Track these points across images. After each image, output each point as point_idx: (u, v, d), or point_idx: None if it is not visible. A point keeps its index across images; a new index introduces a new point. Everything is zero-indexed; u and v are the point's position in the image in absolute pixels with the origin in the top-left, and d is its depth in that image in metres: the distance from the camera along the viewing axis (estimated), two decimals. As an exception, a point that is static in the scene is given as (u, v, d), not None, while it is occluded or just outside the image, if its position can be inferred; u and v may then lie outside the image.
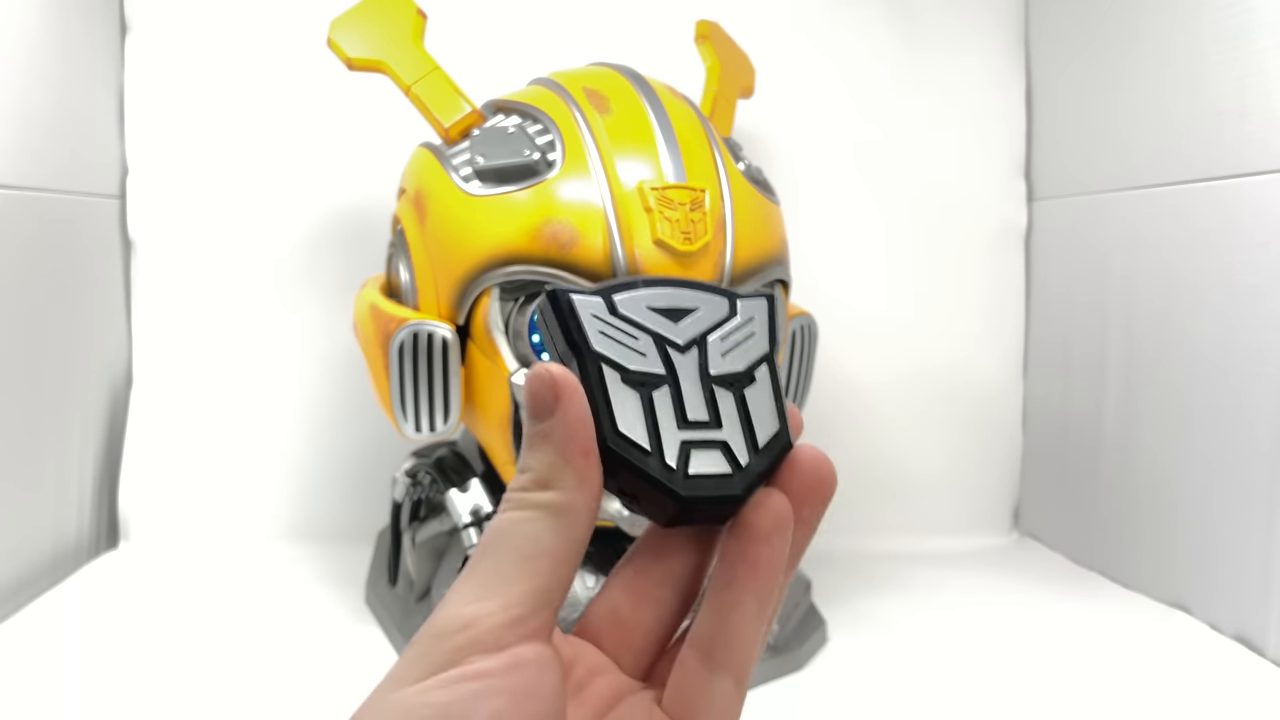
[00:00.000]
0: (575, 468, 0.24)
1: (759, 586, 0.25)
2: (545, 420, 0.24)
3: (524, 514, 0.24)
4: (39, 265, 0.78)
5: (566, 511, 0.24)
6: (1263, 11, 0.68)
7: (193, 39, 0.90)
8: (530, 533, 0.24)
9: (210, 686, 0.62)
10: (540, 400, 0.24)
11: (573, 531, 0.24)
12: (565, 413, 0.24)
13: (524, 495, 0.24)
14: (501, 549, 0.24)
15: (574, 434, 0.24)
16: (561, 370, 0.25)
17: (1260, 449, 0.67)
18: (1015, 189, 0.98)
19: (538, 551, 0.23)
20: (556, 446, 0.24)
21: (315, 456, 0.92)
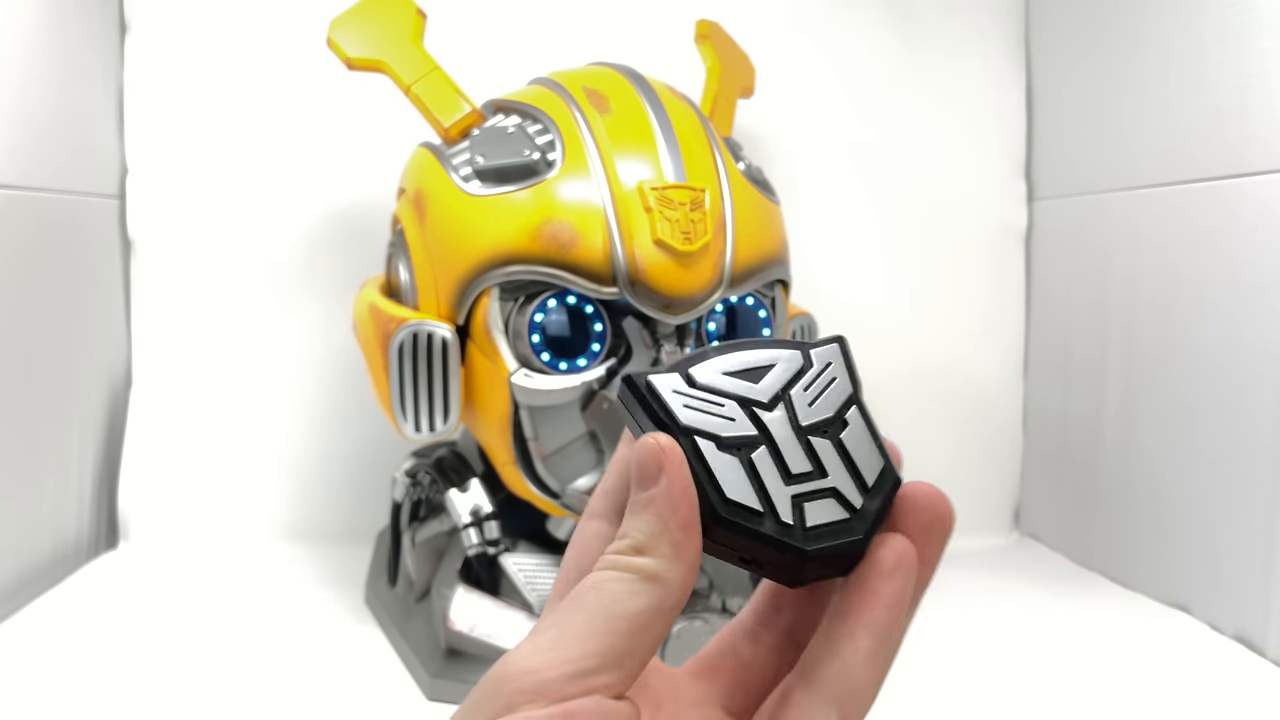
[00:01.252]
0: (673, 539, 0.24)
1: (875, 621, 0.24)
2: (649, 489, 0.24)
3: (614, 574, 0.24)
4: (39, 265, 0.78)
5: (658, 580, 0.24)
6: (1263, 11, 0.67)
7: (193, 39, 0.90)
8: (616, 593, 0.23)
9: (210, 686, 0.62)
10: (645, 469, 0.24)
11: (662, 601, 0.24)
12: (669, 484, 0.24)
13: (618, 558, 0.24)
14: (585, 605, 0.24)
15: (676, 507, 0.24)
16: (669, 441, 0.25)
17: (1261, 449, 0.67)
18: (1015, 189, 0.98)
19: (620, 613, 0.23)
20: (658, 516, 0.24)
21: (315, 456, 0.92)
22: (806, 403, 0.27)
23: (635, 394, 0.26)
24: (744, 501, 0.25)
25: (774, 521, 0.25)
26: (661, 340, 0.60)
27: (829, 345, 0.28)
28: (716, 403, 0.26)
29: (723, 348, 0.28)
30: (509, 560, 0.64)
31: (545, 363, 0.60)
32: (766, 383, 0.27)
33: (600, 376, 0.60)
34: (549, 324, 0.60)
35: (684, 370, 0.27)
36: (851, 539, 0.25)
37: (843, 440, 0.26)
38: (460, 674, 0.61)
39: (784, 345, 0.28)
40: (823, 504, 0.25)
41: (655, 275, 0.57)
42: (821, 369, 0.28)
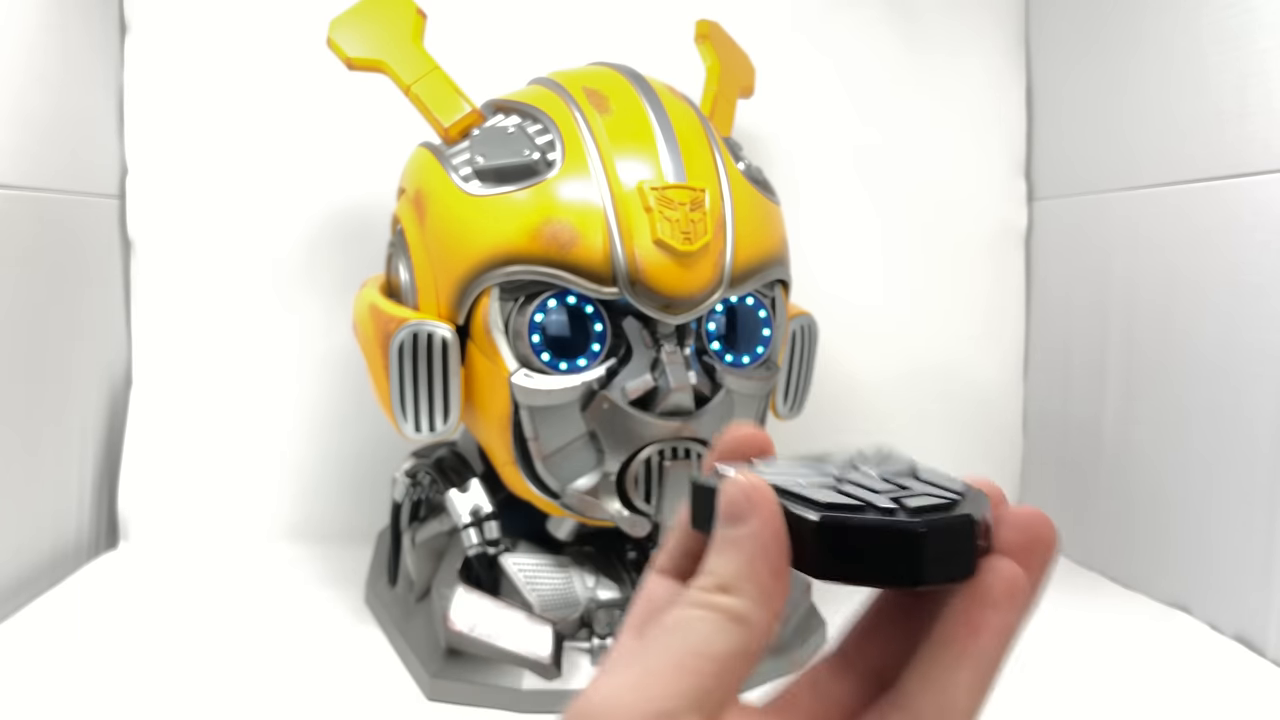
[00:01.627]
0: (761, 582, 0.23)
1: (981, 652, 0.23)
2: (738, 527, 0.24)
3: (700, 613, 0.23)
4: (39, 265, 0.78)
5: (744, 621, 0.23)
6: (1263, 11, 0.67)
7: (193, 39, 0.90)
8: (703, 632, 0.23)
9: (210, 686, 0.62)
10: (735, 506, 0.24)
11: (747, 643, 0.23)
12: (759, 526, 0.24)
13: (704, 595, 0.24)
14: (670, 642, 0.23)
15: (766, 549, 0.24)
16: (761, 481, 0.24)
17: (1261, 449, 0.67)
18: (1015, 189, 0.98)
19: (706, 653, 0.23)
20: (747, 557, 0.24)
21: (315, 456, 0.92)
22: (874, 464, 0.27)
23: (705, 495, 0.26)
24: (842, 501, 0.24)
25: (875, 510, 0.24)
26: (661, 340, 0.60)
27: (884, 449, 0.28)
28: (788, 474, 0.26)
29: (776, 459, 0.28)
30: (509, 560, 0.64)
31: (545, 363, 0.60)
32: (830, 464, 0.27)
33: (600, 376, 0.60)
34: (549, 324, 0.60)
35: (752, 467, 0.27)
36: (961, 514, 0.24)
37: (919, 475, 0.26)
38: (460, 674, 0.61)
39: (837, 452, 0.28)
40: (920, 497, 0.24)
41: (655, 275, 0.57)
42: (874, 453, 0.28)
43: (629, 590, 0.63)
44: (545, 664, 0.60)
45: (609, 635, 0.62)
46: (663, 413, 0.59)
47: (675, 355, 0.59)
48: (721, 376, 0.61)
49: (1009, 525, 0.25)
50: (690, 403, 0.59)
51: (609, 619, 0.62)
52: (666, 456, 0.59)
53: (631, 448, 0.59)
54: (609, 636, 0.62)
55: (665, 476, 0.59)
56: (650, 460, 0.59)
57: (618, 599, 0.63)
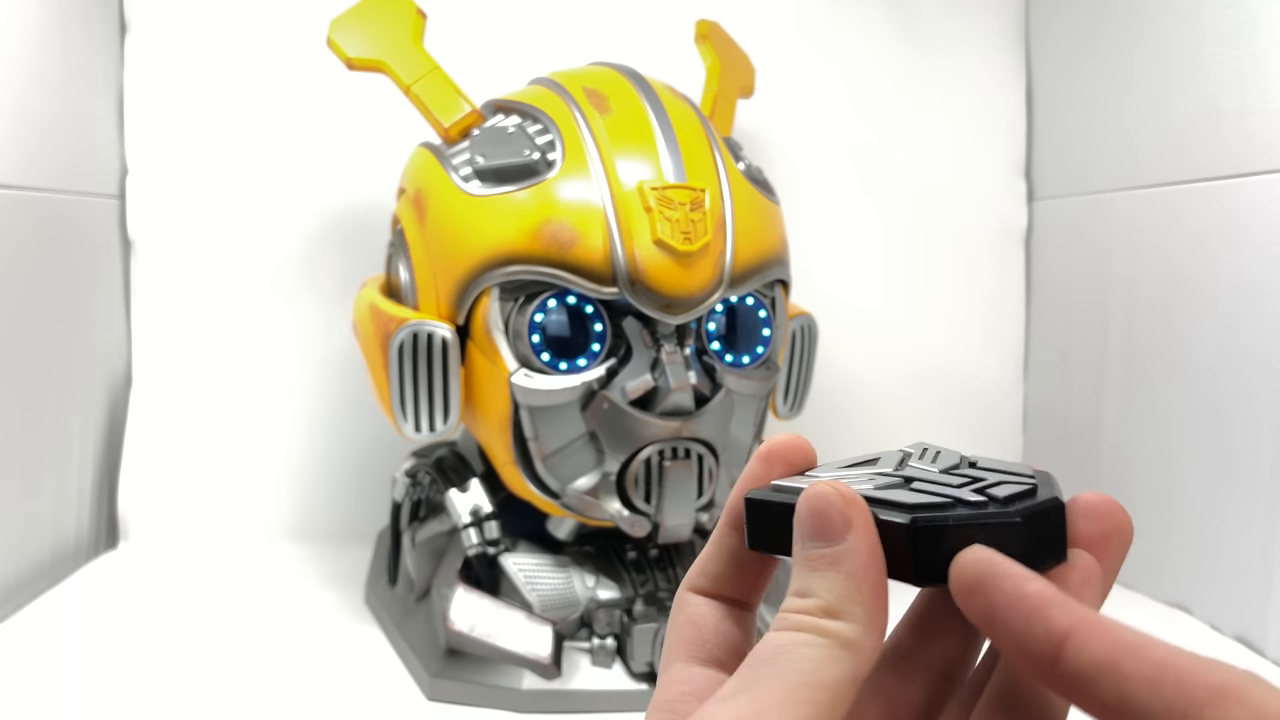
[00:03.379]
0: (867, 604, 0.22)
1: None
2: (834, 543, 0.22)
3: (808, 638, 0.22)
4: (39, 265, 0.78)
5: (855, 648, 0.22)
6: (1262, 12, 0.67)
7: (193, 39, 0.90)
8: (813, 658, 0.22)
9: (210, 686, 0.62)
10: (827, 521, 0.22)
11: (857, 670, 0.22)
12: (859, 541, 0.22)
13: (808, 619, 0.22)
14: (779, 670, 0.22)
15: (868, 567, 0.22)
16: (852, 492, 0.23)
17: (1261, 449, 0.67)
18: (1015, 189, 0.98)
19: (818, 682, 0.21)
20: (848, 576, 0.22)
21: (315, 456, 0.92)
22: (929, 461, 0.26)
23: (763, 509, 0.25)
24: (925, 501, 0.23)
25: (966, 505, 0.23)
26: (661, 340, 0.60)
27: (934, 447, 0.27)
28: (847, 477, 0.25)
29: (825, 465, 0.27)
30: (509, 560, 0.64)
31: (545, 363, 0.60)
32: (881, 464, 0.26)
33: (600, 376, 0.60)
34: (549, 324, 0.60)
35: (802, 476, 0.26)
36: (1051, 498, 0.23)
37: (979, 464, 0.25)
38: (460, 674, 0.61)
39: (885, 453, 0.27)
40: (1002, 485, 0.24)
41: (655, 275, 0.57)
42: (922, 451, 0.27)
43: (629, 590, 0.63)
44: (545, 664, 0.60)
45: (609, 635, 0.62)
46: (663, 413, 0.59)
47: (675, 355, 0.59)
48: (721, 376, 0.61)
49: (1082, 514, 0.24)
50: (690, 403, 0.59)
51: (609, 619, 0.62)
52: (666, 456, 0.59)
53: (631, 448, 0.59)
54: (609, 636, 0.62)
55: (665, 476, 0.59)
56: (650, 460, 0.59)
57: (618, 599, 0.63)
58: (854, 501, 0.23)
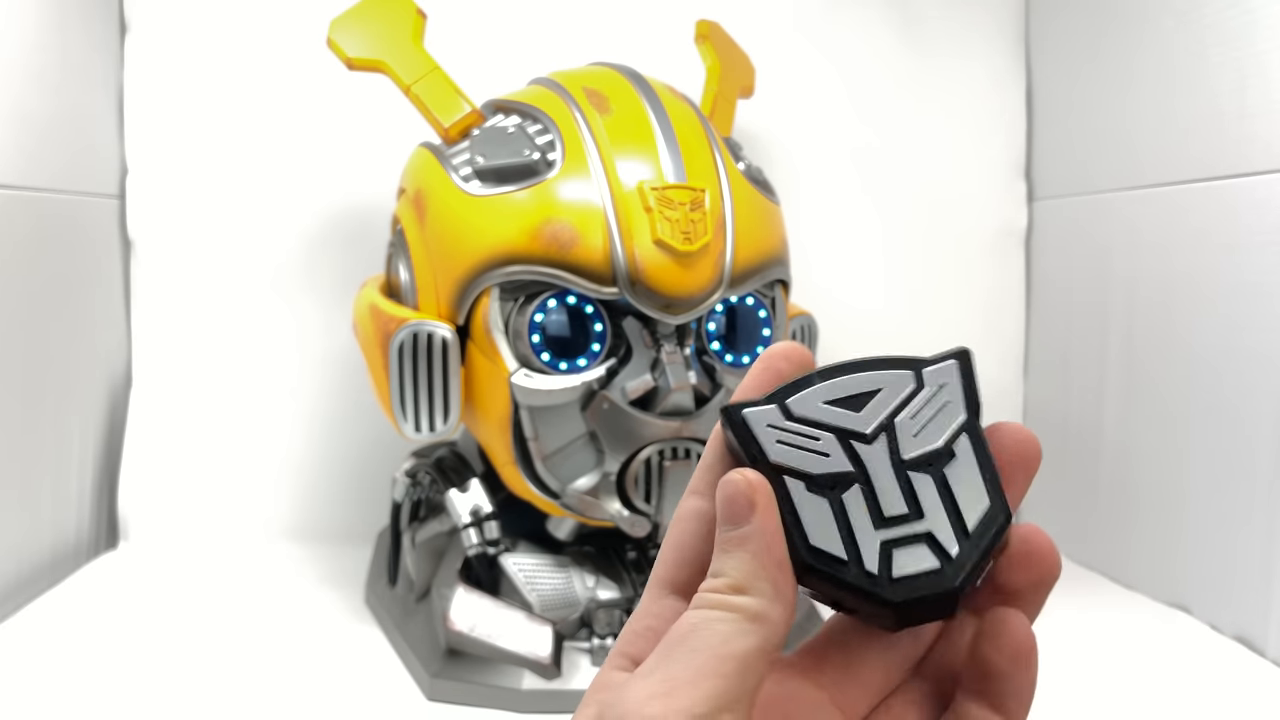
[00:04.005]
0: (771, 578, 0.24)
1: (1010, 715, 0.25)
2: (740, 526, 0.24)
3: (718, 614, 0.24)
4: (39, 265, 0.78)
5: (762, 620, 0.23)
6: (1263, 12, 0.67)
7: (193, 39, 0.90)
8: (722, 633, 0.23)
9: (210, 687, 0.62)
10: (735, 506, 0.24)
11: (765, 640, 0.23)
12: (761, 523, 0.24)
13: (718, 597, 0.24)
14: (692, 646, 0.23)
15: (769, 545, 0.24)
16: (758, 477, 0.25)
17: (1261, 449, 0.67)
18: (1015, 189, 0.98)
19: (728, 654, 0.23)
20: (753, 555, 0.24)
21: (315, 456, 0.92)
22: (912, 432, 0.25)
23: (731, 427, 0.26)
24: (827, 549, 0.24)
25: (859, 570, 0.24)
26: (661, 340, 0.60)
27: (946, 362, 0.26)
28: (812, 436, 0.25)
29: (828, 370, 0.26)
30: (509, 560, 0.64)
31: (545, 363, 0.60)
32: (869, 410, 0.26)
33: (600, 376, 0.60)
34: (549, 324, 0.60)
35: (782, 401, 0.26)
36: (943, 589, 0.24)
37: (946, 475, 0.25)
38: (460, 674, 0.61)
39: (897, 364, 0.26)
40: (914, 551, 0.24)
41: (655, 275, 0.57)
42: (934, 392, 0.26)
43: (629, 590, 0.63)
44: (545, 664, 0.60)
45: (609, 635, 0.62)
46: (663, 413, 0.59)
47: (675, 355, 0.59)
48: (721, 376, 0.61)
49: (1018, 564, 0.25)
50: (690, 403, 0.59)
51: (609, 619, 0.62)
52: (666, 456, 0.59)
53: (631, 448, 0.59)
54: (609, 636, 0.62)
55: (665, 476, 0.59)
56: (650, 460, 0.59)
57: (618, 599, 0.63)
58: (759, 487, 0.24)
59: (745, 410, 0.26)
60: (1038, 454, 0.26)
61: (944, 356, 0.26)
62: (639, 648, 0.26)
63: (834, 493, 0.25)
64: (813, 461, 0.25)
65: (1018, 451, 0.26)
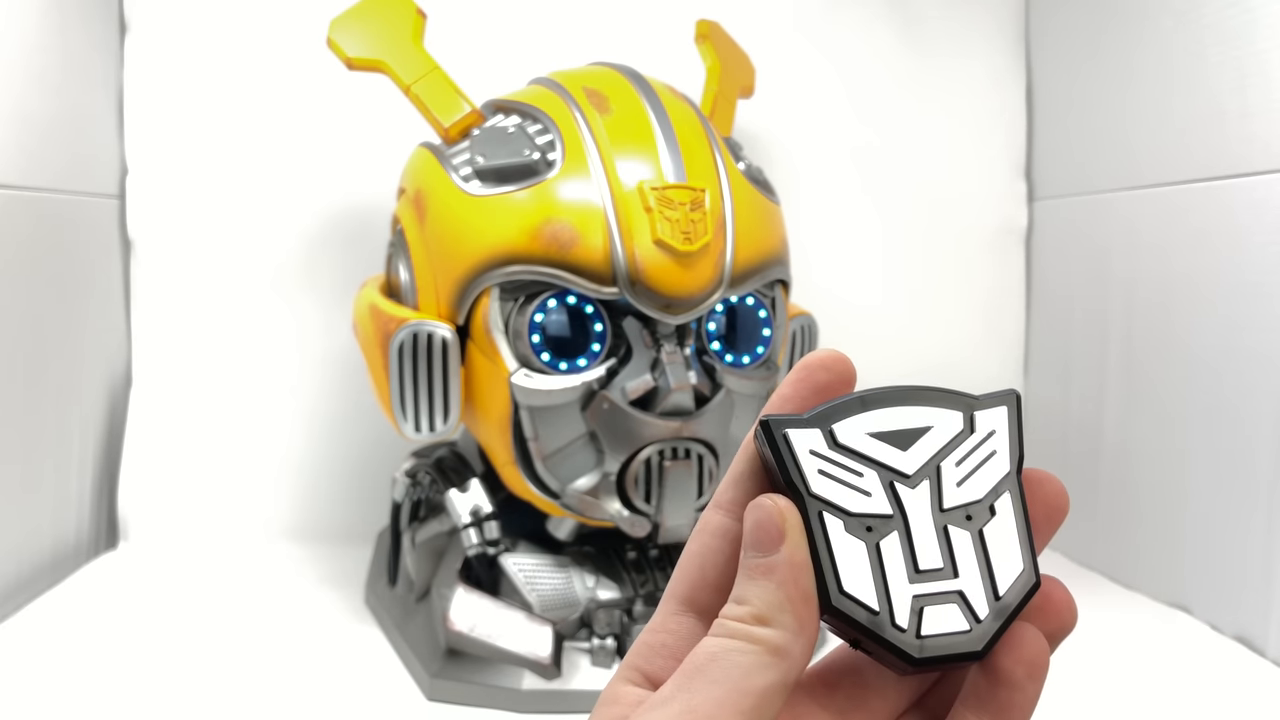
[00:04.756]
0: (796, 612, 0.23)
1: None
2: (768, 554, 0.24)
3: (740, 645, 0.23)
4: (39, 265, 0.78)
5: (784, 654, 0.23)
6: (1263, 12, 0.67)
7: (192, 39, 0.90)
8: (744, 665, 0.23)
9: (210, 687, 0.62)
10: (765, 534, 0.24)
11: (786, 675, 0.23)
12: (789, 553, 0.23)
13: (741, 626, 0.23)
14: (712, 677, 0.23)
15: (796, 577, 0.23)
16: (788, 505, 0.24)
17: (1261, 448, 0.67)
18: (1015, 189, 0.98)
19: (749, 688, 0.22)
20: (779, 585, 0.23)
21: (315, 456, 0.92)
22: (955, 480, 0.25)
23: (770, 444, 0.25)
24: (860, 597, 0.24)
25: (889, 622, 0.24)
26: (661, 340, 0.60)
27: (996, 408, 0.26)
28: (855, 471, 0.24)
29: (876, 397, 0.25)
30: (509, 560, 0.64)
31: (545, 363, 0.60)
32: (915, 450, 0.25)
33: (600, 376, 0.60)
34: (549, 324, 0.60)
35: (827, 425, 0.25)
36: (967, 651, 0.24)
37: (984, 534, 0.24)
38: (460, 674, 0.61)
39: (948, 400, 0.26)
40: (945, 610, 0.24)
41: (655, 275, 0.57)
42: (983, 438, 0.25)
43: (629, 590, 0.63)
44: (545, 664, 0.60)
45: (609, 635, 0.62)
46: (663, 413, 0.59)
47: (675, 355, 0.59)
48: (721, 376, 0.61)
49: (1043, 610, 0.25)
50: (690, 403, 0.59)
51: (609, 619, 0.62)
52: (666, 456, 0.59)
53: (631, 448, 0.59)
54: (609, 636, 0.62)
55: (665, 476, 0.59)
56: (650, 460, 0.59)
57: (618, 599, 0.63)
58: (789, 516, 0.24)
59: (789, 430, 0.25)
60: (1065, 510, 0.26)
61: (996, 400, 0.26)
62: (653, 664, 0.25)
63: (871, 535, 0.24)
64: (854, 499, 0.24)
65: (1048, 504, 0.26)
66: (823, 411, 0.25)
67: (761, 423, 0.25)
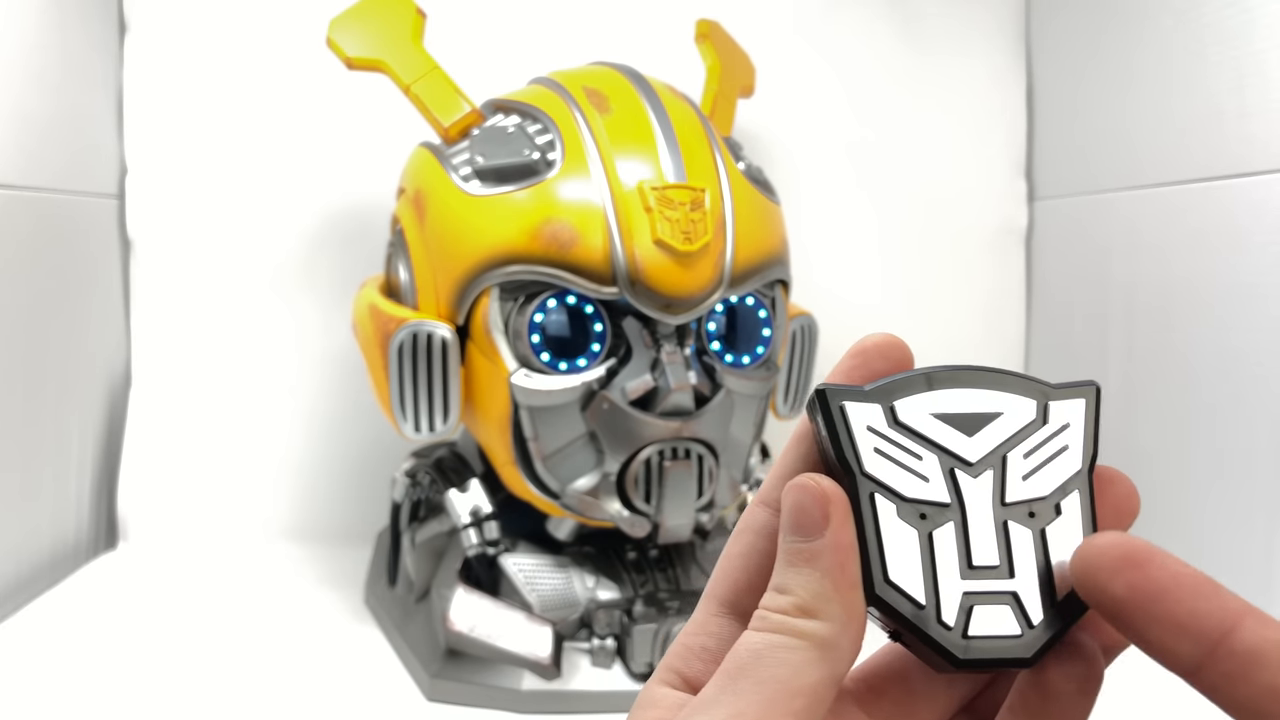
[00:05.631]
0: (844, 601, 0.22)
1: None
2: (812, 539, 0.22)
3: (786, 640, 0.21)
4: (38, 265, 0.78)
5: (832, 647, 0.21)
6: (1262, 12, 0.67)
7: (192, 39, 0.90)
8: (792, 663, 0.21)
9: (209, 687, 0.62)
10: (808, 516, 0.22)
11: (835, 669, 0.21)
12: (836, 538, 0.22)
13: (786, 620, 0.22)
14: (759, 678, 0.21)
15: (844, 563, 0.22)
16: (833, 486, 0.22)
17: (1260, 449, 0.67)
18: (1016, 188, 0.98)
19: (799, 688, 0.21)
20: (825, 574, 0.22)
21: (315, 457, 0.92)
22: (1022, 473, 0.23)
23: (825, 415, 0.23)
24: (906, 588, 0.22)
25: (934, 618, 0.22)
26: (661, 340, 0.60)
27: (1076, 399, 0.24)
28: (914, 453, 0.23)
29: (943, 375, 0.24)
30: (509, 560, 0.64)
31: (545, 363, 0.60)
32: (982, 437, 0.23)
33: (600, 376, 0.60)
34: (549, 324, 0.60)
35: (888, 401, 0.23)
36: (1016, 657, 0.22)
37: (1046, 534, 0.22)
38: (460, 674, 0.61)
39: (1023, 388, 0.24)
40: (996, 611, 0.22)
41: (655, 275, 0.57)
42: (1056, 430, 0.23)
43: (629, 591, 0.63)
44: (545, 664, 0.60)
45: (609, 635, 0.62)
46: (663, 413, 0.59)
47: (675, 355, 0.59)
48: (721, 376, 0.61)
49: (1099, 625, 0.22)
50: (690, 403, 0.59)
51: (609, 619, 0.62)
52: (666, 457, 0.59)
53: (631, 448, 0.59)
54: (609, 637, 0.62)
55: (665, 477, 0.59)
56: (650, 460, 0.59)
57: (618, 599, 0.63)
58: (834, 498, 0.22)
59: (846, 402, 0.23)
60: (1135, 513, 0.24)
61: (1075, 391, 0.24)
62: (693, 667, 0.24)
63: (925, 524, 0.22)
64: (910, 483, 0.23)
65: (1118, 506, 0.24)
66: (884, 386, 0.23)
67: (818, 391, 0.23)
